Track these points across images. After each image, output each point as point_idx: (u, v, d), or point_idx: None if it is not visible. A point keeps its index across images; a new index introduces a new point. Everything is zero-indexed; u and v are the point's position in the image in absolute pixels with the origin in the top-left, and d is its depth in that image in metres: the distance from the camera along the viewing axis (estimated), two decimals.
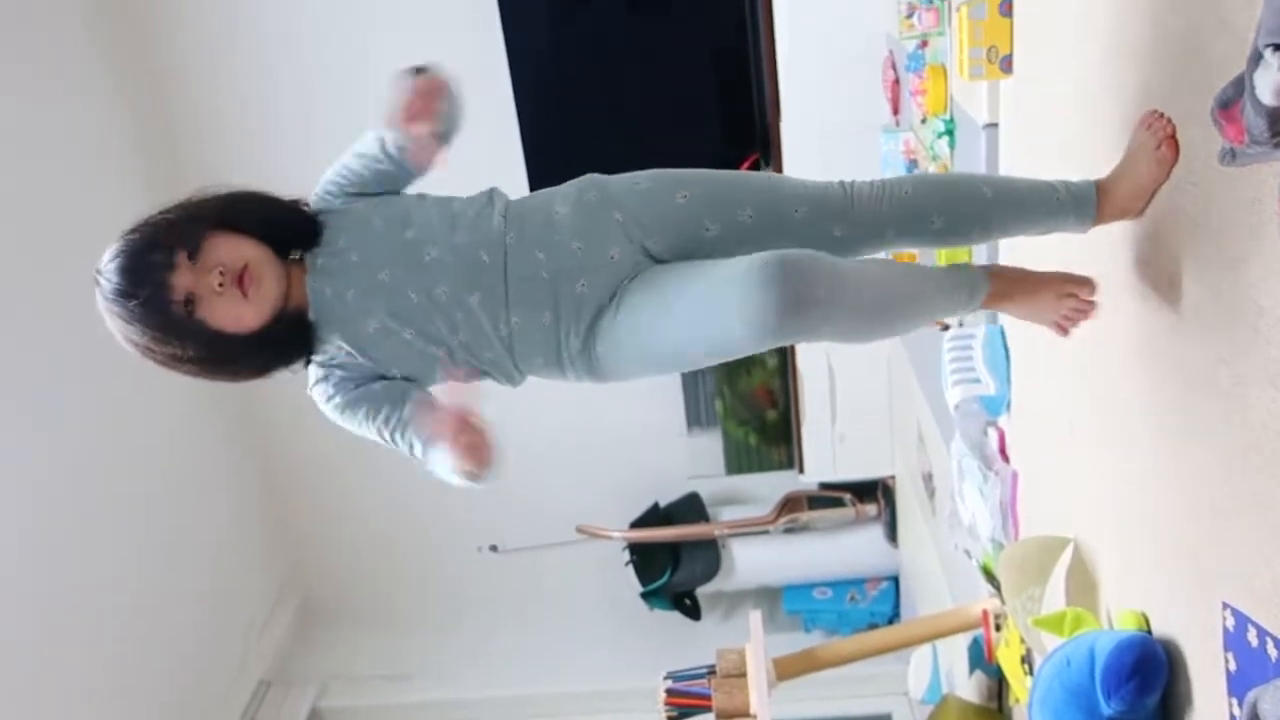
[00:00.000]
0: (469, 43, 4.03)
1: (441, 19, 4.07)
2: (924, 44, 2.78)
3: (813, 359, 4.04)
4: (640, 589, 4.59)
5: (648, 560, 4.57)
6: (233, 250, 1.52)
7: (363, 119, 4.30)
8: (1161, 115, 1.49)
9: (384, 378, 1.61)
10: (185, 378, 1.60)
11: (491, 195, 1.68)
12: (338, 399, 1.59)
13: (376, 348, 1.58)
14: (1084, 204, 1.61)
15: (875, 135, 3.26)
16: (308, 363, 1.63)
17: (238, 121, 4.21)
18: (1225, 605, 1.38)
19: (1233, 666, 1.37)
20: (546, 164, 3.89)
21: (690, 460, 4.68)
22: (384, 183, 1.68)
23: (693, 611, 4.66)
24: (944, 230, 1.60)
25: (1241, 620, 1.33)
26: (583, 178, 1.67)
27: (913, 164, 3.05)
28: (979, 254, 2.51)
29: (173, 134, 4.23)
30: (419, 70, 1.59)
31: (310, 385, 1.63)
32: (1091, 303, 1.64)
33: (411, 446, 1.57)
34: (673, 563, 4.52)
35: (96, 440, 3.80)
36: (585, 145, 3.98)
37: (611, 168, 1.73)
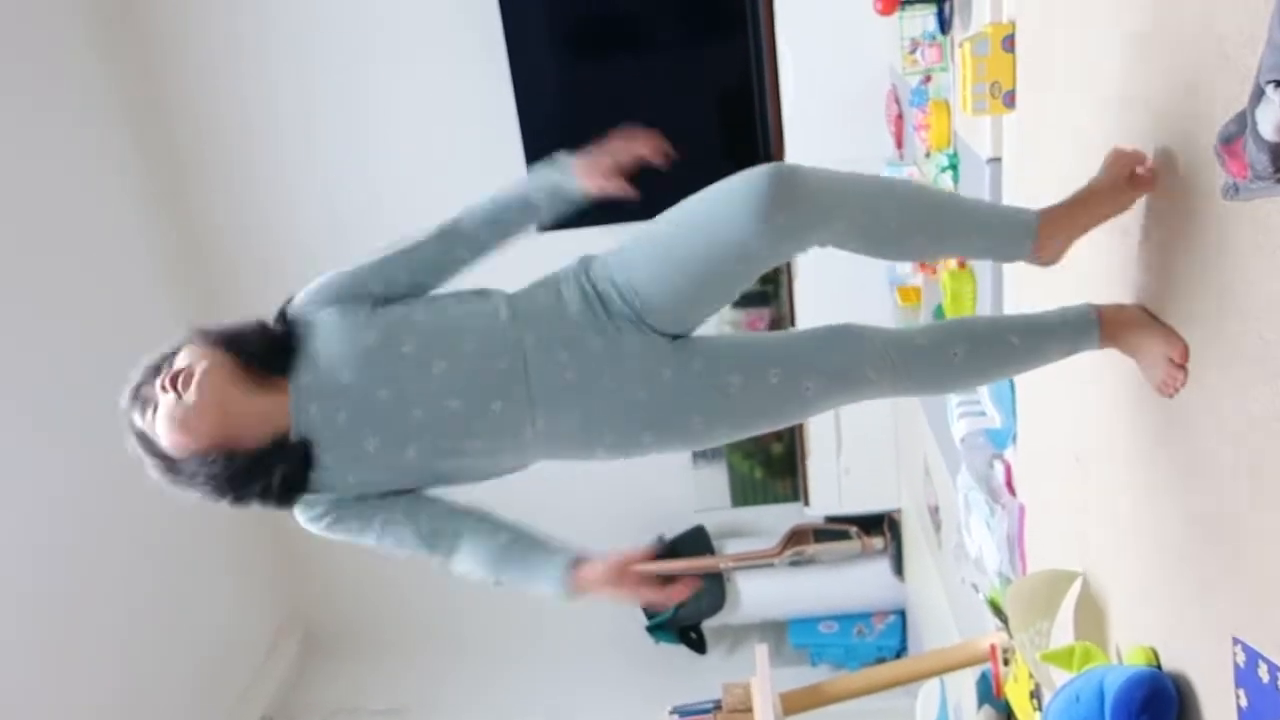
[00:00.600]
0: (476, 79, 4.07)
1: (449, 54, 4.11)
2: (927, 79, 2.80)
3: None
4: (645, 622, 4.57)
5: None
6: (188, 357, 1.53)
7: (363, 134, 4.30)
8: (1142, 157, 1.53)
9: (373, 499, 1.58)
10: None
11: (487, 294, 1.63)
12: (330, 518, 1.60)
13: (373, 467, 1.53)
14: (1019, 236, 1.61)
15: (879, 169, 3.28)
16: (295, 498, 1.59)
17: (238, 120, 4.25)
18: (1236, 640, 1.37)
19: (1244, 703, 1.35)
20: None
21: (696, 493, 4.67)
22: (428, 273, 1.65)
23: (698, 645, 4.63)
24: (893, 234, 1.57)
25: (1253, 656, 1.32)
26: (575, 263, 1.66)
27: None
28: (985, 290, 2.52)
29: (172, 135, 4.27)
30: None
31: (301, 515, 1.62)
32: (1184, 370, 1.50)
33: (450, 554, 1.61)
34: None
35: (99, 471, 3.80)
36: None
37: (618, 203, 1.74)
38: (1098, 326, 1.60)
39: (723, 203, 1.53)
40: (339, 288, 1.60)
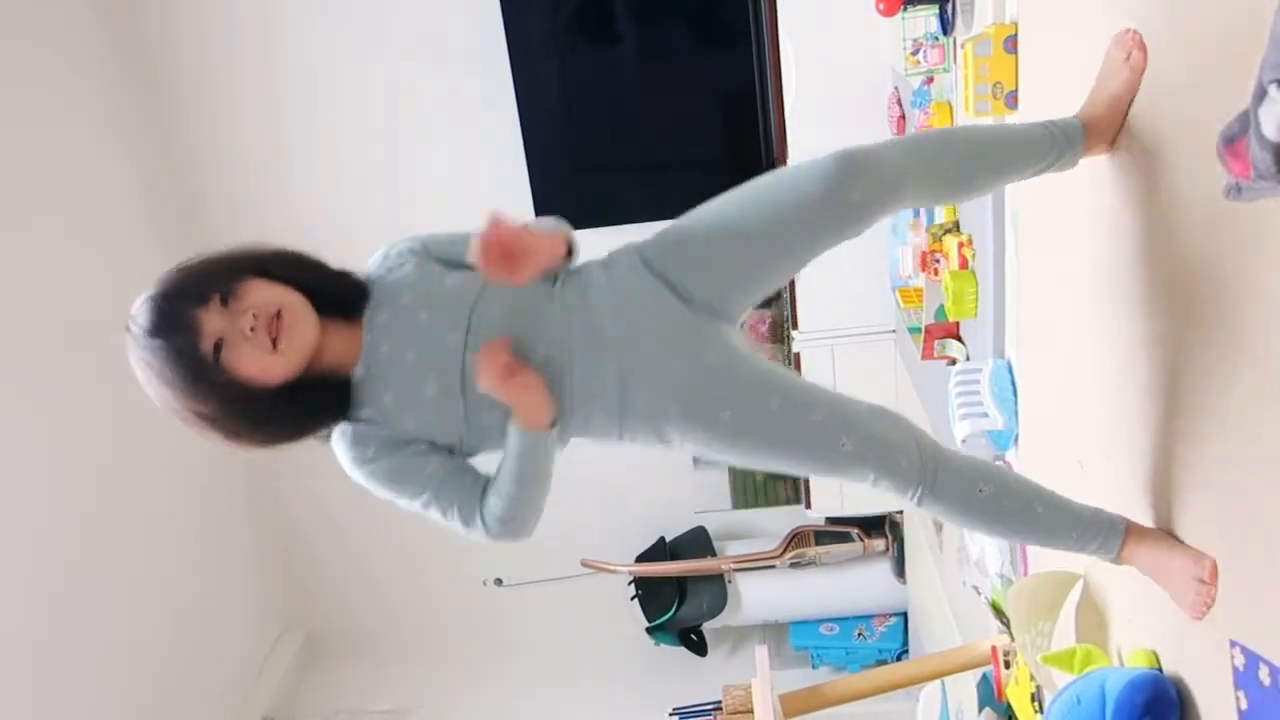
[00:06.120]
0: (477, 83, 4.07)
1: (451, 62, 4.11)
2: (929, 80, 2.79)
3: None
4: (646, 624, 4.57)
5: (653, 595, 4.54)
6: (268, 294, 1.48)
7: (369, 143, 4.21)
8: (1128, 30, 1.56)
9: (424, 447, 1.58)
10: (215, 440, 1.55)
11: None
12: (374, 465, 1.56)
13: (428, 413, 1.55)
14: (1073, 135, 1.67)
15: None
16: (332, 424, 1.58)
17: (245, 140, 4.26)
18: (1234, 643, 1.36)
19: (1244, 705, 1.35)
20: (554, 200, 3.92)
21: (697, 494, 4.66)
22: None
23: (699, 647, 4.62)
24: (957, 178, 1.66)
25: (1252, 659, 1.32)
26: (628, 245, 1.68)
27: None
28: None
29: (172, 142, 4.27)
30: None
31: (338, 444, 1.58)
32: (1214, 586, 1.46)
33: (458, 516, 1.59)
34: (679, 597, 4.50)
35: (99, 473, 3.80)
36: (593, 183, 4.00)
37: (620, 204, 1.75)
38: (1121, 537, 1.60)
39: (790, 180, 1.62)
40: (412, 248, 1.65)
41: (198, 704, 4.18)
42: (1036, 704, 2.23)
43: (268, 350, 1.46)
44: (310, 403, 1.54)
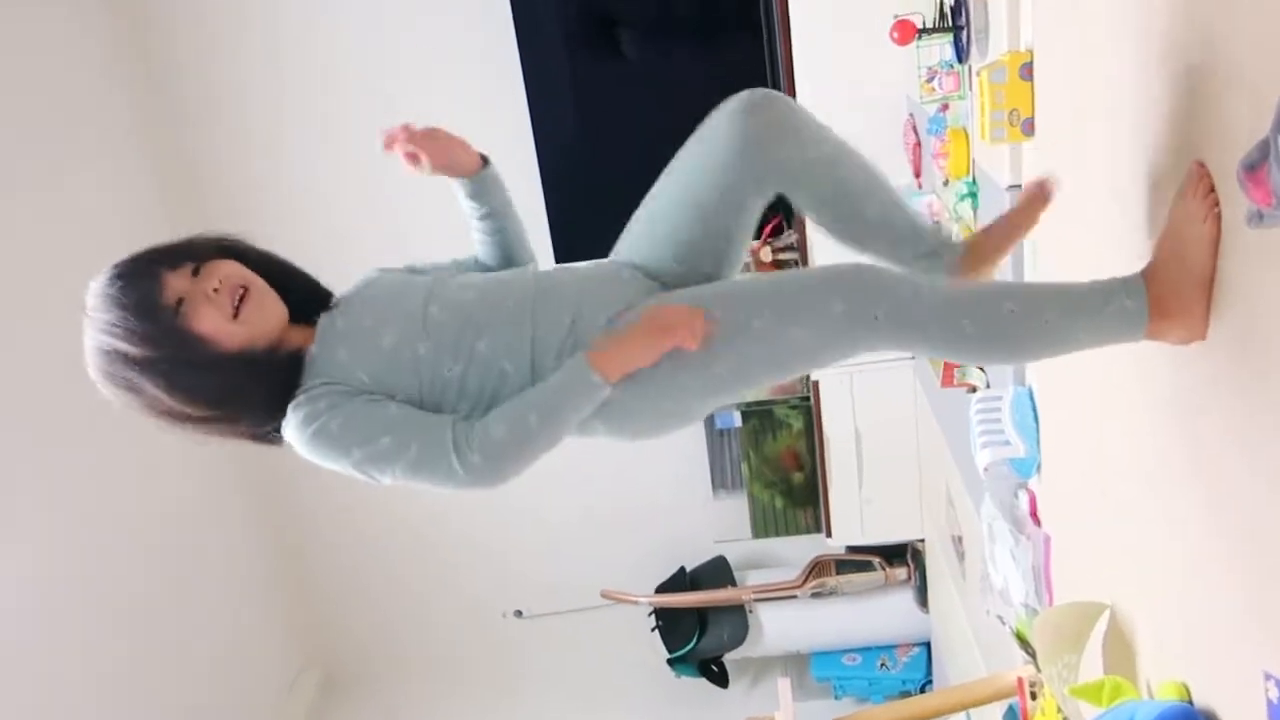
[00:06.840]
0: (487, 79, 4.07)
1: (468, 88, 4.13)
2: (945, 107, 2.80)
3: (839, 421, 4.02)
4: (666, 655, 4.54)
5: (674, 626, 4.51)
6: (238, 272, 1.54)
7: (374, 158, 4.06)
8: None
9: (380, 396, 1.52)
10: (159, 424, 1.52)
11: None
12: (325, 419, 1.47)
13: (383, 362, 1.51)
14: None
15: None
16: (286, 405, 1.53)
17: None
18: (1268, 676, 1.34)
19: None
20: (570, 226, 3.95)
21: (716, 524, 4.64)
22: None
23: (720, 678, 4.58)
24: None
25: None
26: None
27: (936, 225, 3.05)
28: None
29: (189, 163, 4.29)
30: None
31: (290, 418, 1.50)
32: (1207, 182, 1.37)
33: (424, 452, 1.46)
34: (699, 628, 4.47)
35: (115, 504, 3.81)
36: (609, 214, 4.00)
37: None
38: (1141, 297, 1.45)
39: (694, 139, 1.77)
40: (383, 267, 1.76)
41: None
42: None
43: (227, 316, 1.49)
44: (262, 371, 1.51)
